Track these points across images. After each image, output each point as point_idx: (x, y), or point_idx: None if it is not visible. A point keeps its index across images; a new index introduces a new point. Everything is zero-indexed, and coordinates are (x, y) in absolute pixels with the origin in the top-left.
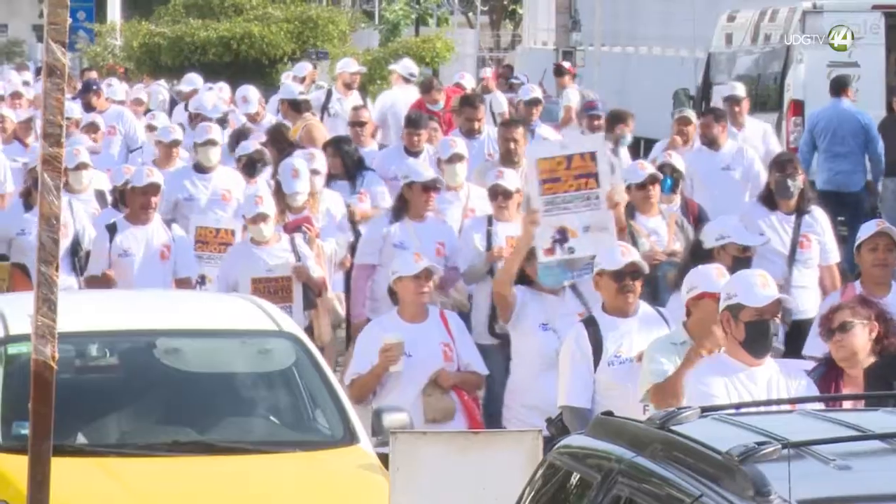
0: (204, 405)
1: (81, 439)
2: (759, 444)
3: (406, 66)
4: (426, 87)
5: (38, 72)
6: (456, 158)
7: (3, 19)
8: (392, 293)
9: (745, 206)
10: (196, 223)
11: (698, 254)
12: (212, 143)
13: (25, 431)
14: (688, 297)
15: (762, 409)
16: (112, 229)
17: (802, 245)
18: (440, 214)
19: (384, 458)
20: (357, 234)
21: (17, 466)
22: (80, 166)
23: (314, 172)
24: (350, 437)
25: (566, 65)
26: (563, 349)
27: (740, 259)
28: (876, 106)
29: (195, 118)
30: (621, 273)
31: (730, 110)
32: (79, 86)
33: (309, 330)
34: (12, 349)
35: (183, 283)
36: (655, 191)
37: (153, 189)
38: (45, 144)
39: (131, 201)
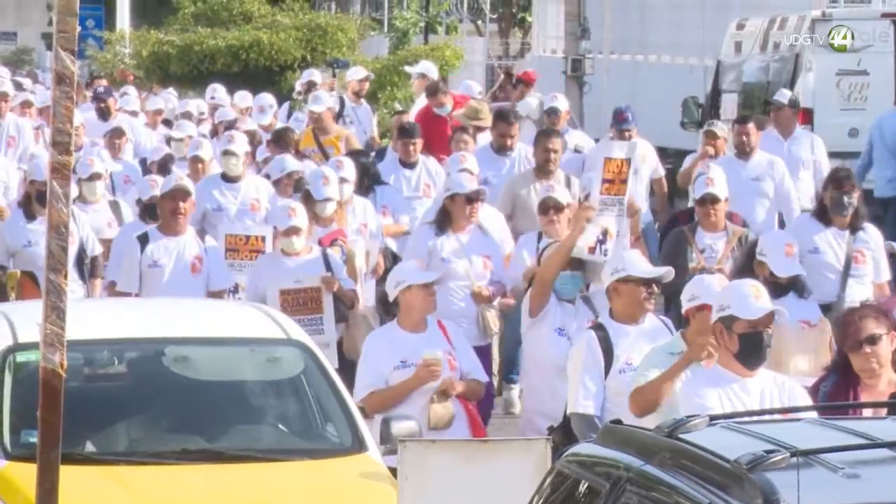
0: (213, 413)
1: (90, 447)
2: (768, 452)
3: (430, 68)
4: (432, 91)
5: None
6: (465, 174)
7: (13, 27)
8: (384, 303)
9: (799, 220)
10: (225, 231)
11: (746, 262)
12: (230, 153)
13: (34, 439)
14: (688, 307)
15: (769, 416)
16: (143, 240)
17: (857, 261)
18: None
19: (393, 467)
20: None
21: (25, 474)
22: (94, 176)
23: (342, 180)
24: (358, 446)
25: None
26: (573, 356)
27: (771, 283)
28: None
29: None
30: (649, 281)
31: (776, 117)
32: (88, 94)
33: (341, 342)
34: (21, 357)
35: (216, 297)
36: (716, 209)
37: (181, 193)
38: (54, 152)
39: (161, 209)
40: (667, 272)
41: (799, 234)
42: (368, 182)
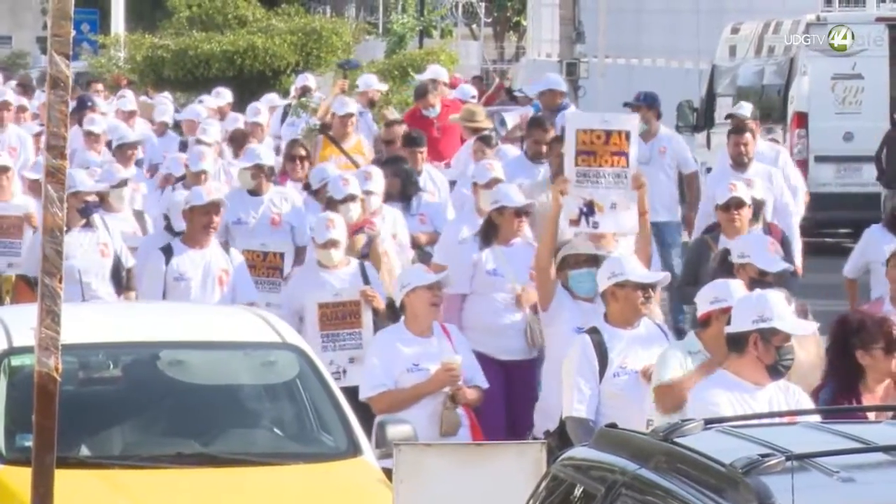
0: (208, 417)
1: (85, 451)
2: (763, 456)
3: (442, 73)
4: (421, 92)
5: (40, 82)
6: (494, 184)
7: (8, 31)
8: (391, 307)
9: (870, 232)
10: (241, 247)
11: (724, 266)
12: (245, 167)
13: (29, 444)
14: (711, 308)
15: (766, 420)
16: (167, 252)
17: None
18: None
19: (388, 471)
20: (421, 256)
21: (20, 479)
22: (121, 183)
23: (369, 193)
24: (354, 449)
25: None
26: (568, 360)
27: (757, 282)
28: (880, 118)
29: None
30: (646, 286)
31: None
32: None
33: None
34: (16, 361)
35: None
36: (741, 215)
37: (215, 207)
38: (49, 156)
39: (192, 222)
40: (664, 277)
41: (870, 246)
42: (411, 189)
